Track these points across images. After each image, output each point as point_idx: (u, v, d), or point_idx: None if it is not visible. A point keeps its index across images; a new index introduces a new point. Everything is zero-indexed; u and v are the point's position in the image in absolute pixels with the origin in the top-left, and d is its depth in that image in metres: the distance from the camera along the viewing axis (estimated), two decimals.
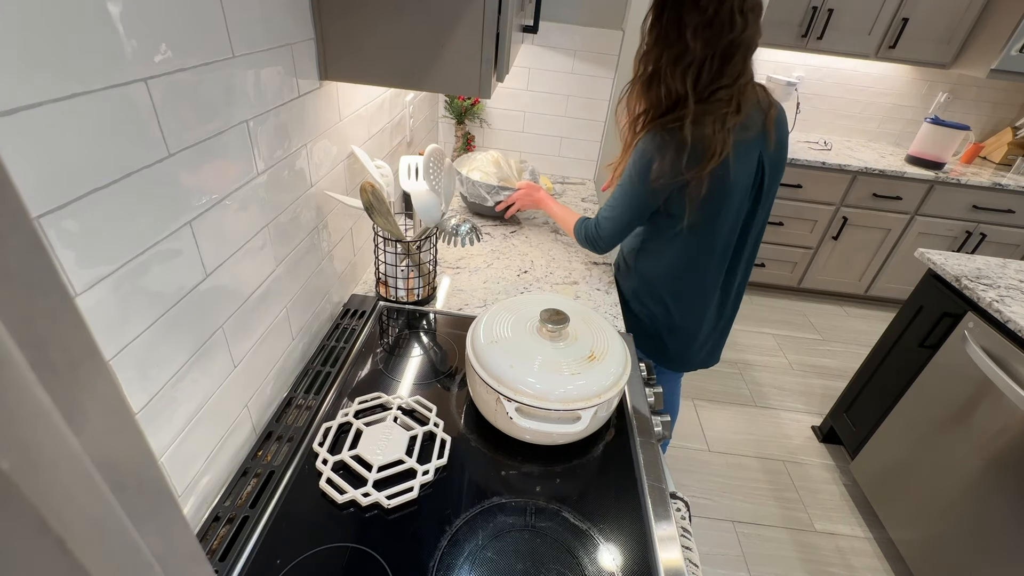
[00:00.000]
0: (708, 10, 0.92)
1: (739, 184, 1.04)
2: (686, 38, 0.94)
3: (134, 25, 0.45)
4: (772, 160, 1.07)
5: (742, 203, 1.08)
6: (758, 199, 1.09)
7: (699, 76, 0.97)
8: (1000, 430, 1.32)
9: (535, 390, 0.73)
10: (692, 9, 0.93)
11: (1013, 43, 2.32)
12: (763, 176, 1.07)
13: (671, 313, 1.21)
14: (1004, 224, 2.64)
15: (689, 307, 1.20)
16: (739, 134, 0.99)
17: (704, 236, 1.10)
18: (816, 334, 2.76)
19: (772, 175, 1.09)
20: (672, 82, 0.98)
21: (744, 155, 1.02)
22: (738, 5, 0.92)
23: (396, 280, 1.07)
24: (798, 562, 1.63)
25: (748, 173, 1.05)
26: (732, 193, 1.05)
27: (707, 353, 1.31)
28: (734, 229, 1.11)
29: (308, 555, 0.62)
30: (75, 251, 0.42)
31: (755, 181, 1.07)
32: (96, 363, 0.16)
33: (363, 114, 1.03)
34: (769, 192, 1.10)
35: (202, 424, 0.63)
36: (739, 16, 0.93)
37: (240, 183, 0.64)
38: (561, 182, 1.89)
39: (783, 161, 1.11)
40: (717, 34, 0.93)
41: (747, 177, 1.05)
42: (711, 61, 0.96)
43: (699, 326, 1.23)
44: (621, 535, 0.68)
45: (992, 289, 1.43)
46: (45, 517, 0.13)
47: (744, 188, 1.06)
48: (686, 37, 0.94)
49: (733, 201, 1.06)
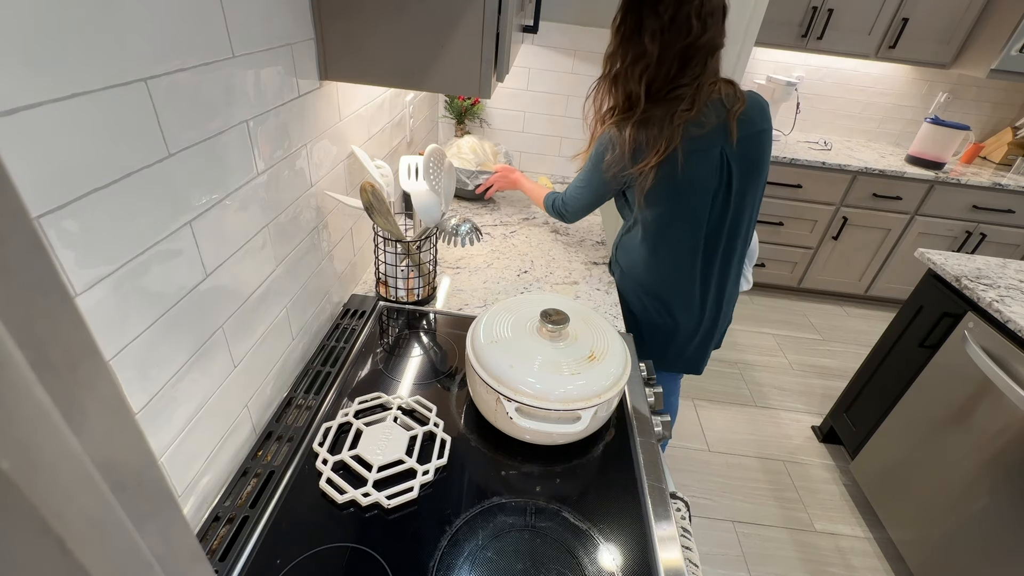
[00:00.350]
0: (665, 15, 0.96)
1: (697, 180, 1.06)
2: (644, 41, 0.98)
3: (134, 25, 0.45)
4: (740, 157, 1.06)
5: (705, 200, 1.09)
6: (728, 197, 1.09)
7: (655, 77, 1.01)
8: (1000, 430, 1.32)
9: (535, 390, 0.73)
10: (651, 14, 0.97)
11: (1013, 43, 2.32)
12: (729, 172, 1.07)
13: (648, 309, 1.23)
14: (1004, 224, 2.64)
15: (665, 304, 1.21)
16: (691, 130, 1.02)
17: (668, 232, 1.13)
18: (816, 334, 2.76)
19: (744, 173, 1.08)
20: (631, 83, 1.03)
21: (700, 151, 1.04)
22: (696, 10, 0.95)
23: (396, 280, 1.07)
24: (798, 562, 1.63)
25: (709, 170, 1.06)
26: (691, 189, 1.07)
27: (690, 356, 1.30)
28: (700, 226, 1.11)
29: (308, 555, 0.62)
30: (75, 251, 0.42)
31: (721, 179, 1.07)
32: (96, 363, 0.16)
33: (363, 114, 1.03)
34: (744, 190, 1.09)
35: (202, 424, 0.63)
36: (696, 20, 0.96)
37: (240, 183, 0.64)
38: (561, 182, 1.89)
39: (759, 159, 1.09)
40: (675, 37, 0.97)
41: (708, 174, 1.06)
42: (669, 64, 0.99)
43: (676, 326, 1.23)
44: (621, 535, 0.68)
45: (992, 289, 1.43)
46: (45, 517, 0.13)
47: (705, 185, 1.07)
48: (644, 40, 0.98)
49: (694, 197, 1.08)
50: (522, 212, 1.61)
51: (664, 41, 0.97)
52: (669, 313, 1.22)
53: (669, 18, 0.96)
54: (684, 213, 1.10)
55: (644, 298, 1.23)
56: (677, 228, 1.12)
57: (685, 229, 1.12)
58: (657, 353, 1.28)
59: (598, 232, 1.54)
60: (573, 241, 1.47)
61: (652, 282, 1.21)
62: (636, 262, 1.21)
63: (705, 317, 1.24)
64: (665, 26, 0.96)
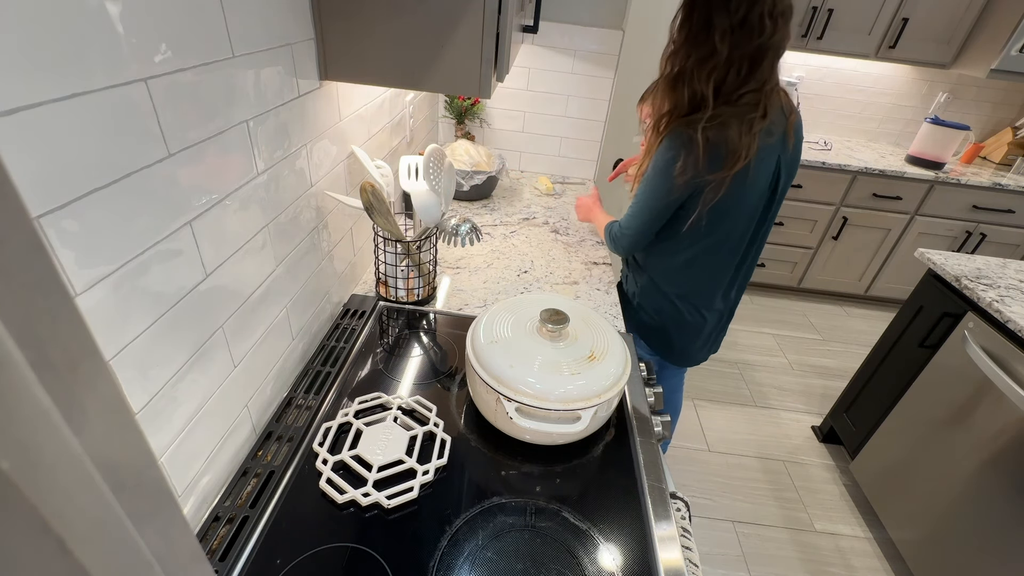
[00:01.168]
0: (738, 13, 0.91)
1: (757, 187, 1.05)
2: (714, 40, 0.94)
3: (134, 25, 0.45)
4: (788, 163, 1.08)
5: (758, 204, 1.08)
6: (771, 201, 1.10)
7: (725, 78, 0.97)
8: (1000, 430, 1.32)
9: (535, 390, 0.73)
10: (722, 11, 0.92)
11: (1013, 43, 2.31)
12: (778, 179, 1.08)
13: (680, 310, 1.21)
14: (1004, 224, 2.64)
15: (697, 304, 1.20)
16: (763, 139, 1.00)
17: (719, 235, 1.10)
18: (816, 334, 2.76)
19: (787, 178, 1.09)
20: (697, 83, 0.97)
21: (765, 159, 1.03)
22: (768, 9, 0.92)
23: (396, 280, 1.07)
24: (798, 562, 1.63)
25: (766, 176, 1.05)
26: (749, 195, 1.05)
27: (708, 348, 1.32)
28: (747, 229, 1.11)
29: (308, 555, 0.62)
30: (75, 251, 0.42)
31: (771, 183, 1.08)
32: (96, 363, 0.16)
33: (363, 114, 1.03)
34: (782, 194, 1.11)
35: (202, 424, 0.63)
36: (768, 20, 0.92)
37: (240, 183, 0.64)
38: (561, 182, 1.89)
39: (797, 164, 1.12)
40: (746, 37, 0.93)
41: (764, 180, 1.06)
42: (739, 64, 0.95)
43: (705, 322, 1.23)
44: (621, 535, 0.68)
45: (992, 289, 1.43)
46: (45, 517, 0.13)
47: (761, 191, 1.07)
48: (714, 39, 0.94)
49: (749, 203, 1.06)
50: (522, 212, 1.61)
51: (735, 40, 0.93)
52: (699, 311, 1.21)
53: (741, 18, 0.92)
54: (737, 218, 1.08)
55: (677, 301, 1.21)
56: (728, 232, 1.10)
57: (735, 233, 1.10)
58: (682, 348, 1.28)
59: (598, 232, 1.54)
60: (573, 241, 1.47)
61: (690, 289, 1.19)
62: (675, 266, 1.17)
63: (727, 308, 1.25)
64: (736, 25, 0.92)
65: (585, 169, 1.94)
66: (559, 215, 1.62)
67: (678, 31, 1.00)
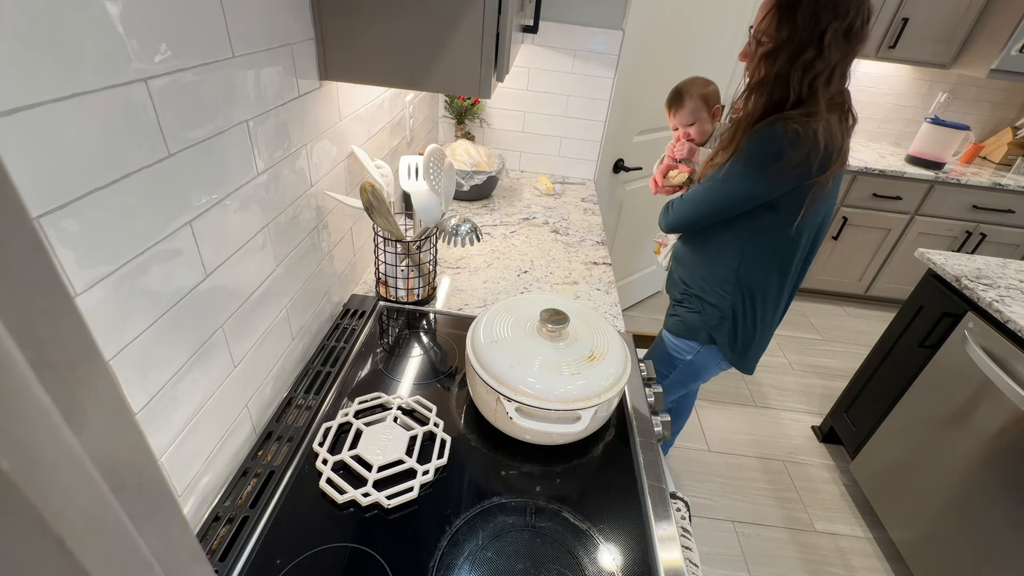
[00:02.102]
0: (847, 17, 0.91)
1: (833, 195, 1.07)
2: (824, 44, 0.93)
3: (134, 25, 0.45)
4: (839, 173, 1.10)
5: (826, 213, 1.10)
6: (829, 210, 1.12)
7: (829, 82, 0.96)
8: (1000, 430, 1.32)
9: (535, 390, 0.73)
10: (832, 15, 0.91)
11: (1013, 43, 2.31)
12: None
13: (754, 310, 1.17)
14: (1004, 224, 2.64)
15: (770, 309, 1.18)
16: None
17: (799, 239, 1.09)
18: (816, 334, 2.76)
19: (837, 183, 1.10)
20: (799, 85, 0.96)
21: None
22: (865, 16, 0.94)
23: (396, 280, 1.07)
24: (798, 562, 1.63)
25: (837, 183, 1.07)
26: (828, 202, 1.07)
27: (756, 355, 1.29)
28: (809, 238, 1.12)
29: (308, 555, 0.62)
30: (75, 251, 0.42)
31: None
32: (96, 363, 0.16)
33: (363, 114, 1.03)
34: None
35: (202, 424, 0.63)
36: (865, 27, 0.94)
37: (240, 183, 0.64)
38: (561, 182, 1.89)
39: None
40: (851, 42, 0.94)
41: (836, 187, 1.07)
42: (841, 68, 0.97)
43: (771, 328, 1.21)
44: (621, 535, 0.68)
45: (992, 289, 1.43)
46: (45, 517, 0.13)
47: (833, 199, 1.08)
48: (824, 43, 0.93)
49: (823, 209, 1.08)
50: (522, 212, 1.61)
51: (843, 45, 0.94)
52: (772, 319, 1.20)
53: (850, 23, 0.92)
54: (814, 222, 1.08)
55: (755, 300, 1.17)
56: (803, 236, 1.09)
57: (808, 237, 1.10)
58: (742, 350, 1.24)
59: (598, 232, 1.54)
60: (573, 241, 1.47)
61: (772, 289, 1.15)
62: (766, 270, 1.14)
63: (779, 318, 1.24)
64: (847, 29, 0.92)
65: (585, 169, 1.94)
66: (559, 215, 1.62)
67: (775, 32, 0.96)
